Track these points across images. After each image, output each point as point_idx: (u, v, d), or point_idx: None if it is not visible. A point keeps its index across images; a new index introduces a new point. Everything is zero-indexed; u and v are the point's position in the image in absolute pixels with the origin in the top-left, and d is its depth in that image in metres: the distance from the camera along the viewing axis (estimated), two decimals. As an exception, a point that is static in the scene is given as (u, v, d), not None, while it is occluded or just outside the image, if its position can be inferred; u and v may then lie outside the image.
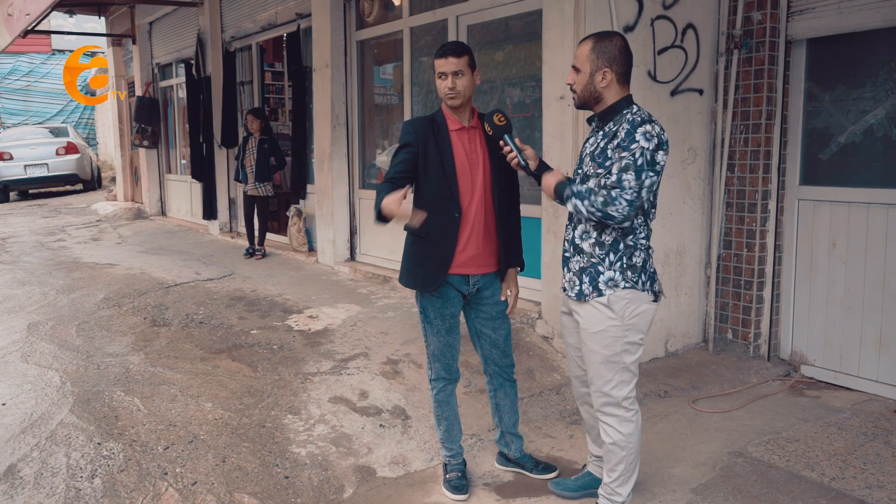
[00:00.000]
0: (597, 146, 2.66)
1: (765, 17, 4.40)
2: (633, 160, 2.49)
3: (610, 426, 2.74)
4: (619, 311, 2.64)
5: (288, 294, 5.92)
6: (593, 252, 2.66)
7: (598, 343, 2.68)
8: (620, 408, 2.72)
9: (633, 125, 2.53)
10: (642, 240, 2.67)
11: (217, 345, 4.72)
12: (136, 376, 4.20)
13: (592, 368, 2.72)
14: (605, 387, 2.71)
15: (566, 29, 4.16)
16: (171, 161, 11.83)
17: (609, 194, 2.50)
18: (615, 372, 2.68)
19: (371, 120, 6.87)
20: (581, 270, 2.70)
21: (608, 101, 2.65)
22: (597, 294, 2.65)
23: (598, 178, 2.60)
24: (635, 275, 2.64)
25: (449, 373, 3.09)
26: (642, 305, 2.66)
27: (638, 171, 2.48)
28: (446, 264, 2.92)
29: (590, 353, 2.71)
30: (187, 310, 5.52)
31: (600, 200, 2.51)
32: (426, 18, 5.76)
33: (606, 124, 2.67)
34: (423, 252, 2.96)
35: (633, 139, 2.51)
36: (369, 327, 4.89)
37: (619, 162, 2.52)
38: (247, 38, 8.78)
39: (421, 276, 2.96)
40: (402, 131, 2.95)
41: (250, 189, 7.62)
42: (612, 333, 2.65)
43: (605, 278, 2.64)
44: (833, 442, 3.55)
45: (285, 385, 4.02)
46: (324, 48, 6.67)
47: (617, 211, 2.49)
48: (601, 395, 2.73)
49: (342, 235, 6.91)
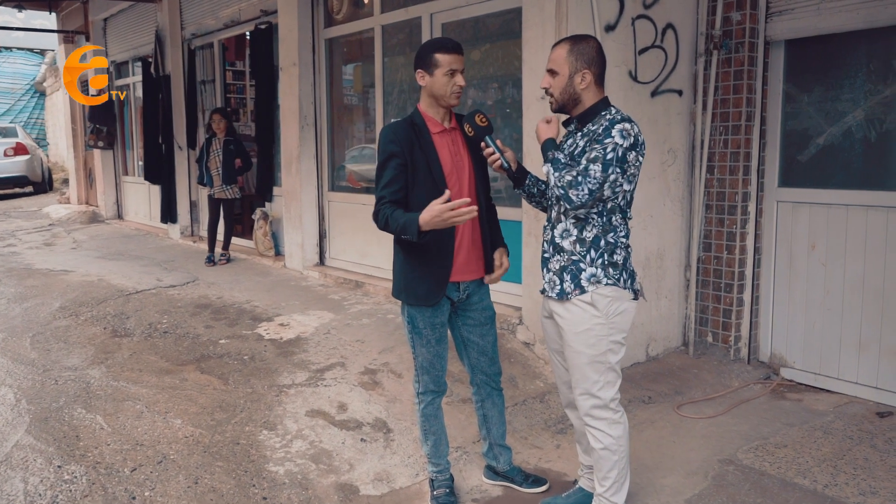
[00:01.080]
0: (576, 146, 2.63)
1: (744, 18, 4.37)
2: (603, 153, 2.47)
3: (599, 430, 2.67)
4: (602, 309, 2.58)
5: (256, 301, 5.70)
6: (574, 249, 2.61)
7: (583, 343, 2.61)
8: (608, 409, 2.66)
9: (612, 122, 2.52)
10: (622, 238, 2.64)
11: (184, 356, 4.49)
12: (97, 392, 3.95)
13: (578, 371, 2.65)
14: (591, 388, 2.64)
15: (547, 27, 4.06)
16: (127, 162, 11.43)
17: (576, 178, 2.47)
18: (601, 373, 2.62)
19: (340, 120, 6.69)
20: (562, 269, 2.64)
21: (587, 102, 2.63)
22: (579, 291, 2.59)
23: None
24: (617, 272, 2.60)
25: (438, 385, 2.96)
26: (624, 303, 2.63)
27: (606, 164, 2.45)
28: (447, 274, 2.79)
29: (574, 355, 2.64)
30: (150, 318, 5.26)
31: (567, 179, 2.48)
32: (398, 16, 5.61)
33: (586, 125, 2.63)
34: (423, 264, 2.79)
35: (608, 134, 2.49)
36: (344, 335, 4.72)
37: (589, 153, 2.50)
38: (208, 36, 8.49)
39: (423, 290, 2.80)
40: (384, 139, 2.76)
41: (217, 192, 7.35)
42: (597, 332, 2.59)
43: (587, 275, 2.59)
44: (821, 447, 3.52)
45: (259, 398, 3.83)
46: (291, 46, 6.46)
47: (576, 196, 2.46)
48: (588, 397, 2.66)
49: (311, 239, 6.71)
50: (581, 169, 2.47)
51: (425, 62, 2.76)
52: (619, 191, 2.54)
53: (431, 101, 2.81)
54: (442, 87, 2.74)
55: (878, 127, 4.07)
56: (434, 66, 2.74)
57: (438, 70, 2.73)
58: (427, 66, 2.76)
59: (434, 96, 2.79)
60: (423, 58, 2.78)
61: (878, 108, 4.06)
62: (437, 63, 2.73)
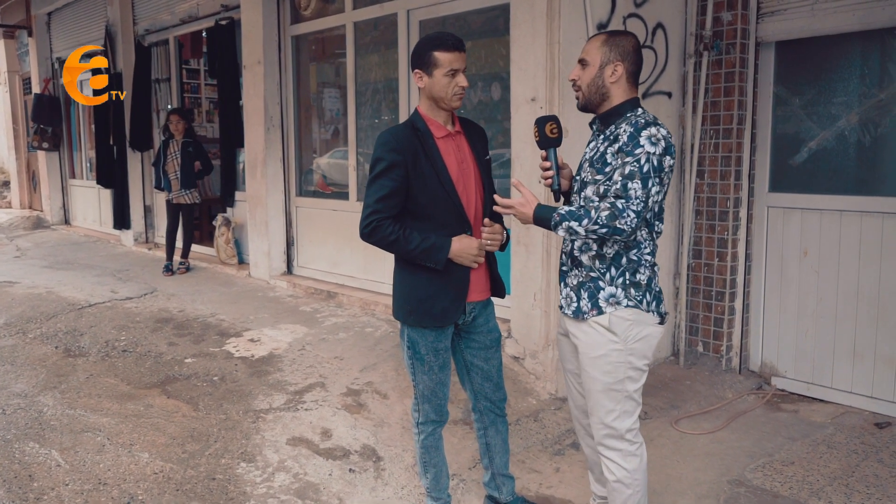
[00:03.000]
0: (596, 150, 2.41)
1: (735, 18, 4.24)
2: (638, 167, 2.23)
3: (613, 461, 2.46)
4: (621, 334, 2.37)
5: (222, 314, 5.35)
6: (593, 265, 2.40)
7: (599, 369, 2.40)
8: (624, 441, 2.45)
9: (637, 127, 2.29)
10: (647, 255, 2.42)
11: (147, 378, 4.13)
12: (51, 422, 3.58)
13: (592, 397, 2.44)
14: (606, 418, 2.43)
15: (537, 25, 3.85)
16: (75, 165, 10.84)
17: (615, 205, 2.22)
18: (617, 401, 2.41)
19: (308, 122, 6.37)
20: (579, 285, 2.43)
21: (614, 100, 2.40)
22: (596, 312, 2.38)
23: (595, 186, 2.35)
24: (639, 293, 2.38)
25: (439, 415, 2.71)
26: (647, 328, 2.41)
27: (644, 178, 2.23)
28: (464, 292, 2.56)
29: (589, 381, 2.43)
30: (106, 335, 4.87)
31: (605, 214, 2.22)
32: (373, 12, 5.33)
33: (608, 127, 2.41)
34: (438, 281, 2.54)
35: (636, 143, 2.26)
36: (320, 351, 4.43)
37: (621, 168, 2.26)
38: (163, 32, 8.06)
39: (439, 310, 2.55)
40: (384, 147, 2.49)
41: (175, 197, 6.94)
42: (613, 359, 2.38)
43: (605, 294, 2.37)
44: (828, 463, 3.39)
45: (234, 426, 3.52)
46: (255, 43, 6.12)
47: (626, 223, 2.21)
48: (602, 426, 2.45)
49: (278, 247, 6.38)
50: (618, 190, 2.23)
51: (423, 62, 2.52)
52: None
53: (431, 104, 2.57)
54: (442, 89, 2.50)
55: (873, 131, 3.98)
56: (433, 65, 2.49)
57: (438, 70, 2.49)
58: (425, 66, 2.51)
59: (434, 98, 2.55)
60: (420, 57, 2.53)
61: (872, 112, 3.97)
62: (437, 62, 2.48)
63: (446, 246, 2.48)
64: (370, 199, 2.50)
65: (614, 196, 2.24)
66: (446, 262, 2.50)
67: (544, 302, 4.02)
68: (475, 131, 2.73)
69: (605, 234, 2.24)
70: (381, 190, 2.48)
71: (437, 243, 2.48)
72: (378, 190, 2.48)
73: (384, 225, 2.46)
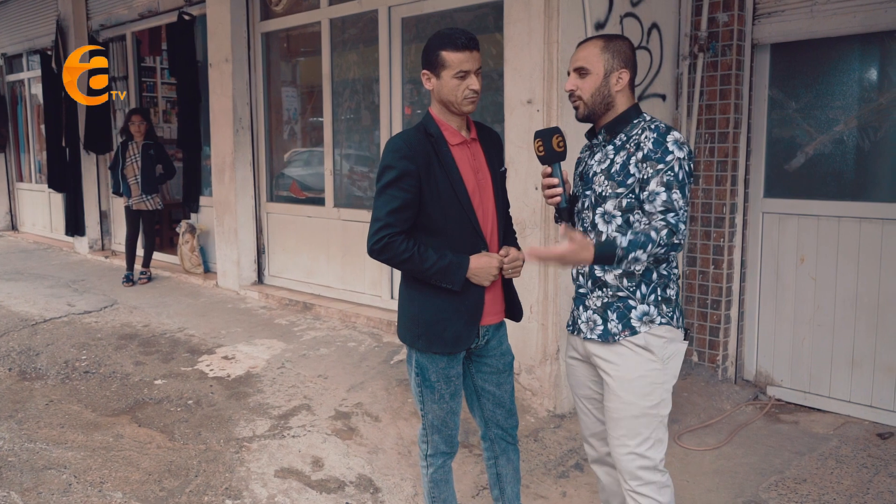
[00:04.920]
0: (610, 161, 2.22)
1: (731, 19, 4.12)
2: (673, 175, 2.10)
3: (647, 497, 2.27)
4: (658, 352, 2.21)
5: (191, 328, 5.02)
6: (620, 284, 2.23)
7: (636, 392, 2.22)
8: (657, 472, 2.28)
9: (660, 133, 2.15)
10: (674, 269, 2.29)
11: (114, 403, 3.80)
12: (9, 458, 3.23)
13: (624, 425, 2.25)
14: (640, 447, 2.24)
15: (534, 24, 3.65)
16: (22, 168, 10.26)
17: (668, 221, 2.08)
18: (652, 428, 2.24)
19: (279, 123, 6.07)
20: (605, 306, 2.25)
21: (619, 108, 2.25)
22: (629, 332, 2.21)
23: (617, 199, 2.19)
24: (670, 309, 2.24)
25: (450, 446, 2.50)
26: (677, 344, 2.28)
27: (682, 186, 2.11)
28: (479, 315, 2.36)
29: (622, 407, 2.24)
30: (66, 355, 4.51)
31: (665, 233, 2.07)
32: (350, 9, 5.06)
33: (615, 136, 2.24)
34: (451, 304, 2.32)
35: (665, 150, 2.12)
36: (302, 369, 4.16)
37: (656, 177, 2.11)
38: (120, 27, 7.63)
39: (452, 335, 2.33)
40: (395, 154, 2.26)
41: (136, 203, 6.54)
42: (651, 380, 2.22)
43: (638, 313, 2.21)
44: (840, 479, 3.29)
45: (216, 457, 3.22)
46: (223, 40, 5.79)
47: (681, 238, 2.09)
48: (635, 457, 2.26)
49: (248, 255, 6.06)
50: (664, 203, 2.08)
51: (430, 62, 2.30)
52: None
53: (443, 108, 2.35)
54: (451, 92, 2.28)
55: (873, 136, 3.90)
56: (441, 66, 2.27)
57: (447, 71, 2.27)
58: (433, 67, 2.29)
59: (443, 102, 2.33)
60: (427, 56, 2.31)
61: (872, 116, 3.89)
62: (445, 63, 2.26)
63: (464, 264, 2.28)
64: (380, 211, 2.27)
65: (663, 210, 2.08)
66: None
67: (541, 314, 3.84)
68: (491, 139, 2.52)
69: (663, 255, 2.11)
70: (392, 201, 2.25)
71: (454, 261, 2.27)
72: (389, 201, 2.25)
73: (397, 241, 2.23)
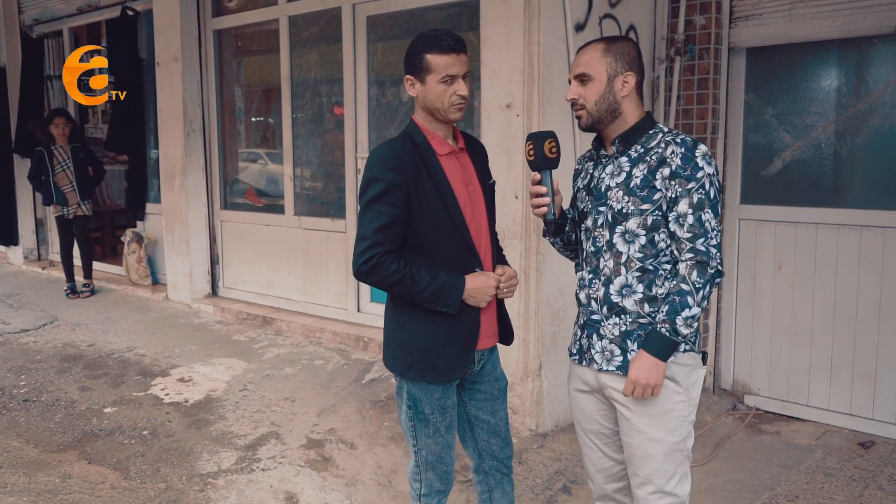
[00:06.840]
0: (627, 175, 2.05)
1: (709, 22, 4.03)
2: (704, 193, 1.96)
3: None
4: (683, 382, 2.06)
5: (141, 347, 4.67)
6: (641, 311, 2.05)
7: (662, 427, 2.05)
8: None
9: (687, 147, 1.99)
10: None
11: (59, 437, 3.45)
12: (-62, 505, 2.88)
13: (651, 463, 2.08)
14: (667, 485, 2.08)
15: (513, 25, 3.48)
16: (-53, 171, 9.54)
17: (696, 250, 1.95)
18: (679, 463, 2.09)
19: (233, 127, 5.74)
20: (624, 335, 2.07)
21: (628, 116, 2.08)
22: None
23: (642, 217, 2.02)
24: (692, 334, 2.08)
25: (446, 483, 2.30)
26: (700, 371, 2.13)
27: (713, 205, 1.98)
28: (475, 339, 2.17)
29: (649, 444, 2.07)
30: (1, 380, 4.11)
31: (696, 273, 1.96)
32: (311, 5, 4.79)
33: (631, 147, 2.07)
34: (446, 329, 2.13)
35: (695, 166, 1.97)
36: (266, 392, 3.88)
37: (686, 197, 1.96)
38: (56, 22, 7.14)
39: (446, 362, 2.14)
40: (380, 165, 2.06)
41: (74, 210, 6.10)
42: (679, 413, 2.06)
43: None
44: (832, 495, 3.22)
45: (178, 497, 2.93)
46: (172, 38, 5.43)
47: (717, 263, 1.97)
48: (662, 496, 2.09)
49: (201, 266, 5.71)
50: (693, 228, 1.95)
51: (414, 66, 2.10)
52: None
53: (428, 115, 2.16)
54: (437, 98, 2.09)
55: (850, 142, 3.87)
56: (425, 70, 2.08)
57: (432, 76, 2.07)
58: (416, 72, 2.10)
59: (428, 109, 2.13)
60: (411, 60, 2.11)
61: (849, 122, 3.85)
62: (430, 67, 2.07)
63: (460, 285, 2.08)
64: (366, 228, 2.05)
65: (693, 236, 1.94)
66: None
67: (522, 329, 3.66)
68: (477, 149, 2.34)
69: (710, 291, 1.97)
70: (379, 217, 2.04)
71: (448, 282, 2.07)
72: (376, 217, 2.04)
73: (387, 261, 2.02)
